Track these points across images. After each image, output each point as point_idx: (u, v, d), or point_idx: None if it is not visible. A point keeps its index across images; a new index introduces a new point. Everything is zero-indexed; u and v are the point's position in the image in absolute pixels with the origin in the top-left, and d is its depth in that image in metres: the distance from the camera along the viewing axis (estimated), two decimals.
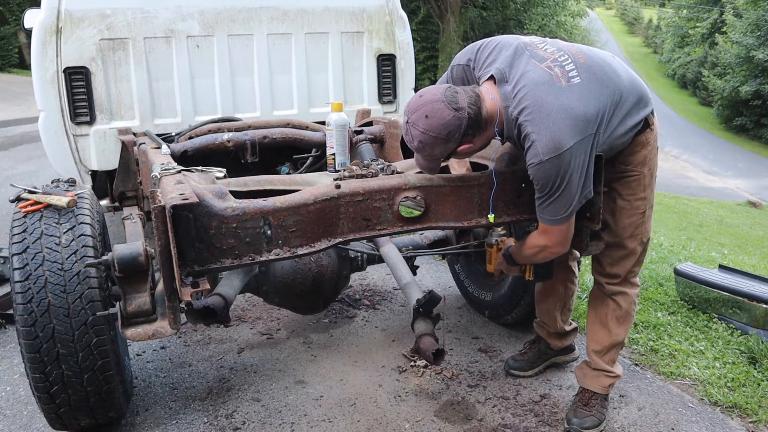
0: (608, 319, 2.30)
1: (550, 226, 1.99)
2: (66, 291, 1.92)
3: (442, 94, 1.88)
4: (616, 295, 2.29)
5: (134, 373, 2.72)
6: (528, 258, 2.18)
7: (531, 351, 2.72)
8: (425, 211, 2.06)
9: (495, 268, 2.39)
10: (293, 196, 1.88)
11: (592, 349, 2.35)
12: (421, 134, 1.89)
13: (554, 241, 2.03)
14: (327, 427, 2.34)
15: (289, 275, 2.57)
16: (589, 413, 2.29)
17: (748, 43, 28.64)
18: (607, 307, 2.31)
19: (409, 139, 1.95)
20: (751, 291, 3.13)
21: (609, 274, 2.28)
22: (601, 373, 2.33)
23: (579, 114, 1.85)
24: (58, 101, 3.34)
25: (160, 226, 1.65)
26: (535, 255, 2.13)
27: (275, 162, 3.30)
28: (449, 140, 1.90)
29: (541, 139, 1.83)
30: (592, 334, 2.37)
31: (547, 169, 1.85)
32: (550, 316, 2.62)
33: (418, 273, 3.14)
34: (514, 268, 2.30)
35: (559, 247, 2.05)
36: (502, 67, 1.94)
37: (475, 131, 1.93)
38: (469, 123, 1.88)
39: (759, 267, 5.03)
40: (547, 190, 1.90)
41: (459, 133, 1.89)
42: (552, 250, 2.07)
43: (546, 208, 1.95)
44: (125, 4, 3.42)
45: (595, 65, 1.96)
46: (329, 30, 3.85)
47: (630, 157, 2.11)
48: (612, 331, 2.30)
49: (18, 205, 2.08)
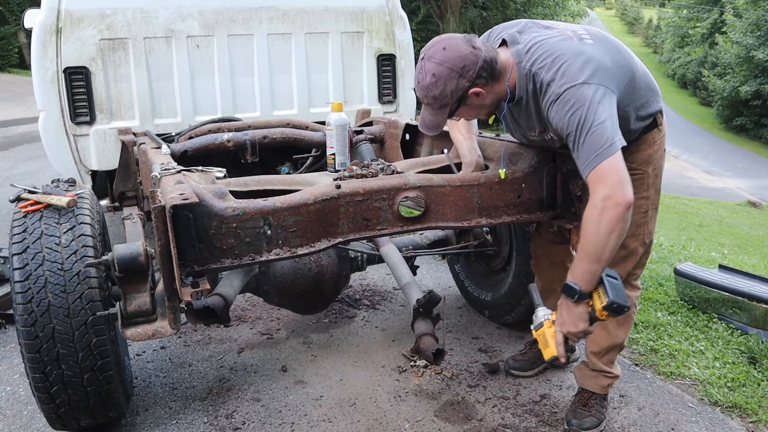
0: (608, 321, 2.30)
1: (599, 166, 1.73)
2: (66, 291, 1.92)
3: (461, 35, 1.90)
4: None
5: (134, 373, 2.72)
6: (597, 234, 1.74)
7: (531, 351, 2.71)
8: (425, 211, 2.06)
9: (557, 346, 1.89)
10: (293, 196, 1.88)
11: (591, 350, 2.33)
12: (436, 66, 1.85)
13: (612, 182, 1.72)
14: (327, 427, 2.34)
15: (289, 275, 2.57)
16: (588, 413, 2.29)
17: (748, 43, 28.64)
18: None
19: (422, 77, 1.88)
20: (751, 291, 3.13)
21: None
22: (599, 373, 2.33)
23: (594, 59, 1.82)
24: (58, 101, 3.35)
25: (160, 226, 1.65)
26: (600, 219, 1.73)
27: (275, 162, 3.30)
28: (463, 76, 1.85)
29: (556, 76, 1.81)
30: (590, 336, 2.36)
31: (567, 100, 1.77)
32: None
33: (418, 273, 3.14)
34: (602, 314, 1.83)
35: (620, 188, 1.72)
36: (512, 32, 1.96)
37: (488, 77, 1.89)
38: (484, 65, 1.86)
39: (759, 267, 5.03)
40: (576, 124, 1.76)
41: (474, 70, 1.84)
42: (617, 197, 1.71)
43: (583, 148, 1.76)
44: (125, 4, 3.42)
45: (606, 39, 1.97)
46: (329, 30, 3.85)
47: (634, 155, 2.08)
48: (611, 333, 2.28)
49: (18, 205, 2.08)
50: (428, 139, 3.04)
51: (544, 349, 1.93)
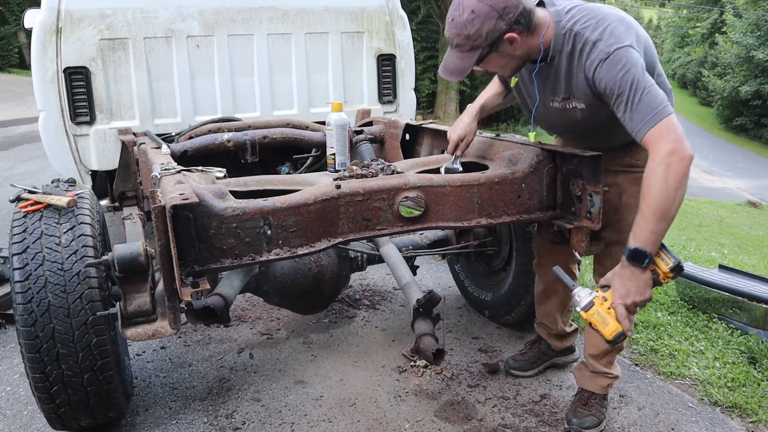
0: None
1: (659, 124, 1.71)
2: (66, 291, 1.92)
3: None
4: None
5: (134, 373, 2.72)
6: (665, 191, 1.69)
7: (531, 351, 2.72)
8: (425, 211, 2.06)
9: (623, 320, 1.79)
10: (293, 196, 1.88)
11: (590, 353, 2.33)
12: (476, 2, 1.81)
13: (675, 137, 1.70)
14: (327, 427, 2.34)
15: (289, 275, 2.57)
16: (588, 413, 2.29)
17: (748, 43, 28.64)
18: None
19: (458, 13, 1.84)
20: (751, 291, 3.13)
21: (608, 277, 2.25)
22: (599, 374, 2.33)
23: (634, 28, 1.85)
24: (58, 101, 3.35)
25: (160, 226, 1.65)
26: (668, 175, 1.68)
27: (275, 162, 3.30)
28: (502, 17, 1.82)
29: (603, 36, 1.81)
30: (590, 338, 2.34)
31: (618, 60, 1.76)
32: (550, 318, 2.62)
33: (418, 273, 3.14)
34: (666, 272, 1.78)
35: (683, 143, 1.69)
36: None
37: (525, 27, 1.87)
38: (524, 11, 1.85)
39: (759, 267, 5.03)
40: (630, 84, 1.75)
41: (514, 14, 1.83)
42: (681, 152, 1.69)
43: (639, 107, 1.74)
44: (125, 4, 3.42)
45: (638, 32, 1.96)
46: (329, 30, 3.85)
47: (641, 152, 2.03)
48: None
49: (18, 205, 2.08)
50: (428, 139, 3.04)
51: (603, 328, 1.79)
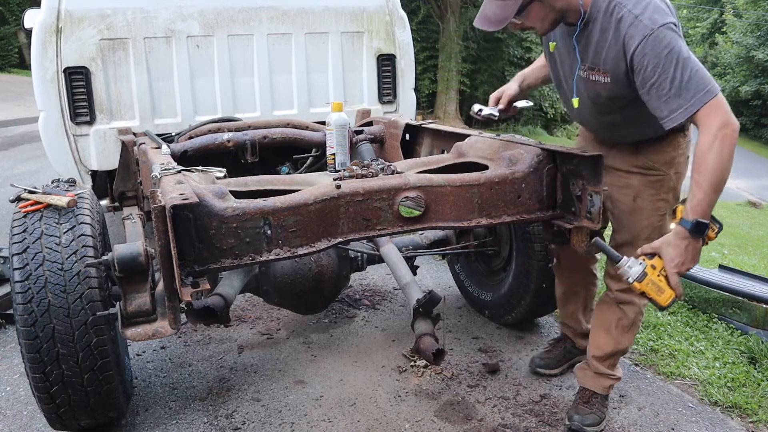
0: (613, 327, 2.27)
1: (710, 102, 1.73)
2: (66, 291, 1.92)
3: None
4: (624, 304, 2.24)
5: (134, 373, 2.72)
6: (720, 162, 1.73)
7: (557, 349, 2.71)
8: (425, 211, 2.06)
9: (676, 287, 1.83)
10: (293, 196, 1.88)
11: (594, 354, 2.32)
12: None
13: (724, 112, 1.74)
14: (327, 427, 2.34)
15: (289, 275, 2.57)
16: (590, 411, 2.29)
17: (748, 43, 28.63)
18: (614, 315, 2.26)
19: None
20: (751, 291, 3.13)
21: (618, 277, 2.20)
22: (602, 375, 2.33)
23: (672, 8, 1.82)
24: (58, 101, 3.34)
25: (160, 226, 1.65)
26: (722, 147, 1.72)
27: (275, 162, 3.30)
28: None
29: (645, 11, 1.78)
30: (594, 339, 2.34)
31: (662, 37, 1.74)
32: (574, 319, 2.61)
33: (418, 273, 3.14)
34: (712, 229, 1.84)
35: (731, 116, 1.74)
36: None
37: None
38: None
39: (759, 267, 5.02)
40: (676, 62, 1.74)
41: None
42: (732, 124, 1.73)
43: (688, 86, 1.74)
44: (125, 4, 3.42)
45: None
46: (329, 30, 3.85)
47: (656, 155, 2.07)
48: (615, 339, 2.27)
49: (18, 205, 2.08)
50: (428, 139, 3.04)
51: (659, 296, 1.82)
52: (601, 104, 2.05)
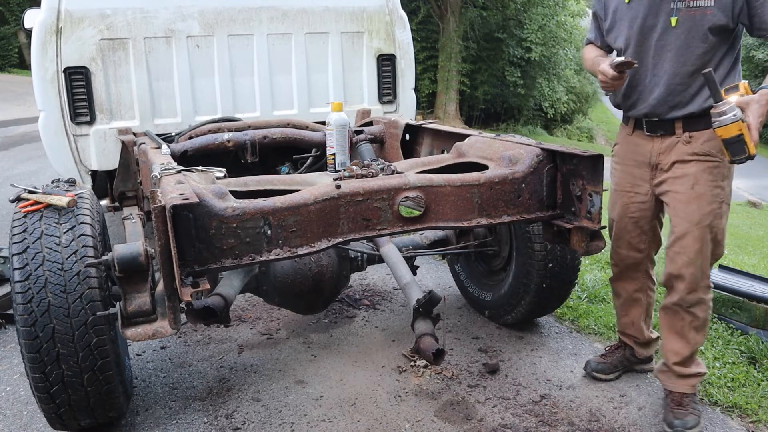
0: (686, 331, 2.27)
1: None
2: (66, 291, 1.92)
3: None
4: (693, 307, 2.24)
5: (134, 373, 2.72)
6: None
7: (614, 355, 2.68)
8: (425, 211, 2.06)
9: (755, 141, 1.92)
10: (293, 196, 1.88)
11: (673, 361, 2.31)
12: None
13: None
14: (327, 427, 2.34)
15: (289, 275, 2.57)
16: (687, 412, 2.28)
17: (748, 43, 28.58)
18: (683, 319, 2.27)
19: None
20: (751, 291, 3.13)
21: (682, 276, 2.21)
22: (687, 376, 2.32)
23: None
24: (58, 101, 3.34)
25: (160, 226, 1.65)
26: None
27: (275, 162, 3.30)
28: None
29: None
30: (669, 346, 2.32)
31: None
32: (636, 328, 2.59)
33: (418, 273, 3.14)
34: None
35: None
36: None
37: None
38: None
39: (759, 267, 5.02)
40: None
41: None
42: None
43: None
44: (125, 4, 3.42)
45: None
46: (329, 30, 3.85)
47: (711, 141, 2.10)
48: (691, 342, 2.27)
49: (18, 205, 2.08)
50: (428, 138, 3.04)
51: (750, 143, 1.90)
52: (692, 40, 2.10)
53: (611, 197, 2.48)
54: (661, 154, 2.24)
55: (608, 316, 3.24)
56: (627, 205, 2.40)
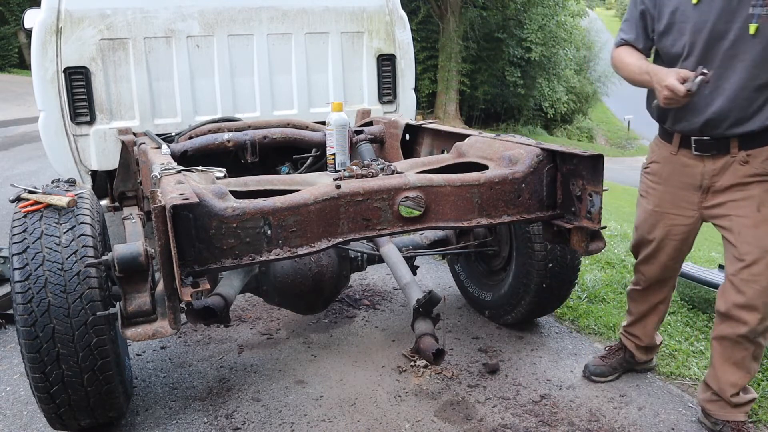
0: (747, 362, 2.18)
1: None
2: (66, 291, 1.92)
3: None
4: (760, 336, 2.13)
5: (134, 373, 2.72)
6: None
7: (613, 358, 2.67)
8: (425, 211, 2.06)
9: None
10: (293, 196, 1.88)
11: (730, 393, 2.21)
12: None
13: None
14: (327, 427, 2.34)
15: (289, 275, 2.57)
16: None
17: None
18: (746, 351, 2.16)
19: None
20: None
21: (753, 306, 2.06)
22: (742, 404, 2.25)
23: None
24: (58, 101, 3.34)
25: (160, 226, 1.65)
26: None
27: (275, 162, 3.30)
28: None
29: None
30: (725, 377, 2.21)
31: None
32: (647, 333, 2.57)
33: (418, 273, 3.14)
34: None
35: None
36: None
37: None
38: None
39: None
40: None
41: None
42: None
43: None
44: (125, 4, 3.42)
45: None
46: (329, 30, 3.85)
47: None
48: (751, 371, 2.21)
49: (18, 205, 2.08)
50: (428, 138, 3.04)
51: None
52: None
53: (649, 216, 2.34)
54: (714, 176, 2.10)
55: (608, 316, 3.24)
56: (671, 227, 2.29)
